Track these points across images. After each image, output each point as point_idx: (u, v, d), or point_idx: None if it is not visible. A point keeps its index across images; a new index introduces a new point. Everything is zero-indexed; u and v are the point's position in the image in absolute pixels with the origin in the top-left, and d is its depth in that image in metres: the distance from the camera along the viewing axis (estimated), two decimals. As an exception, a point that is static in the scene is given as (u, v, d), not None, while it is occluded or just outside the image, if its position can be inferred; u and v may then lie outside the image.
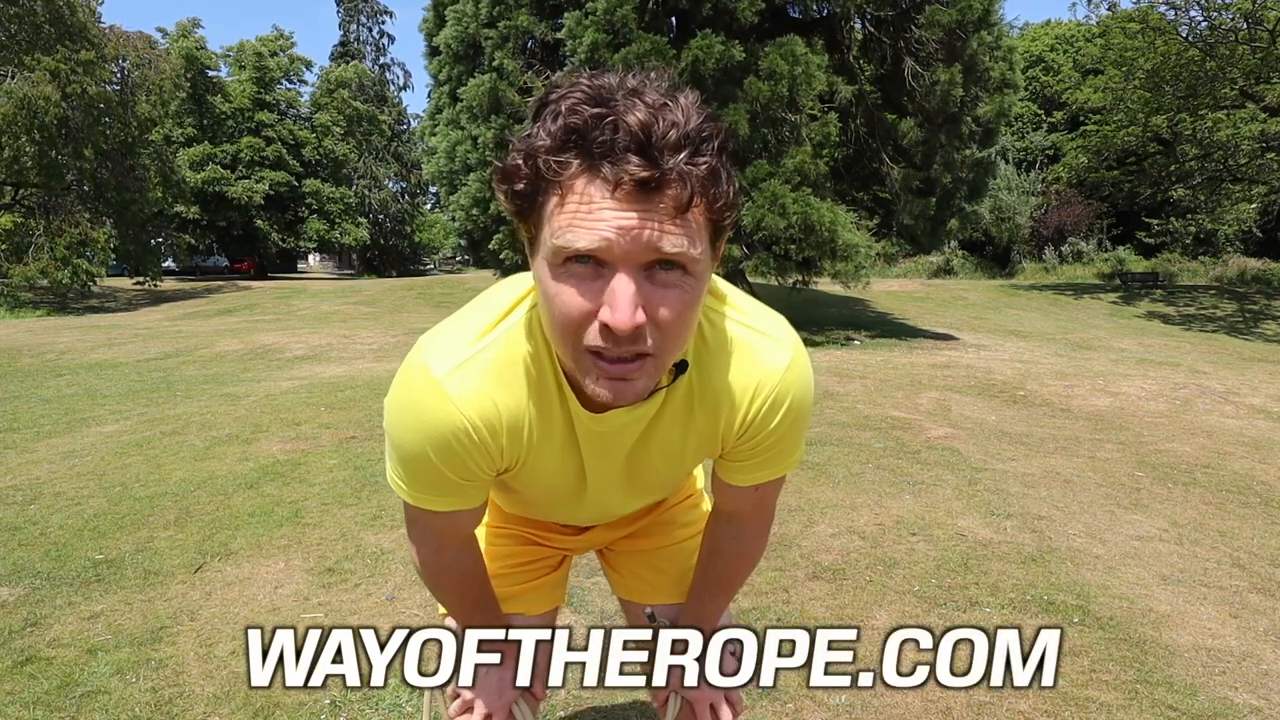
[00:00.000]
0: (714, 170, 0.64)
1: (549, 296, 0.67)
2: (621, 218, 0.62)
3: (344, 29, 47.17)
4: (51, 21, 19.45)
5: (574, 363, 0.70)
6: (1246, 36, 17.91)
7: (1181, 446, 4.91)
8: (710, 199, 0.65)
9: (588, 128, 0.61)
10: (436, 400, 0.78)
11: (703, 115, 0.64)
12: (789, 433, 0.87)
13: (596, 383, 0.69)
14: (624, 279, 0.63)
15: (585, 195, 0.62)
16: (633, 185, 0.61)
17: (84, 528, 3.25)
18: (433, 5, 13.40)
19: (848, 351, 10.44)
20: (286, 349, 10.43)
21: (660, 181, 0.61)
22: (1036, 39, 33.15)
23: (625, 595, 1.27)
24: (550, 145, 0.63)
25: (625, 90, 0.62)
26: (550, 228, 0.65)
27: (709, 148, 0.63)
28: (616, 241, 0.62)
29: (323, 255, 46.16)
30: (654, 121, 0.61)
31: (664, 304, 0.66)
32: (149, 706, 1.96)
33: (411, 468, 0.83)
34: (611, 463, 0.89)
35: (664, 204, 0.62)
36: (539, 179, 0.65)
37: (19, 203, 21.09)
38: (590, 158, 0.62)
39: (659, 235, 0.63)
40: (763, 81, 10.08)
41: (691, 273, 0.67)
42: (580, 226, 0.62)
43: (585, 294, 0.65)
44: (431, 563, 0.98)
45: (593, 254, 0.63)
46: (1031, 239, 28.11)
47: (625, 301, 0.63)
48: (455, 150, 12.11)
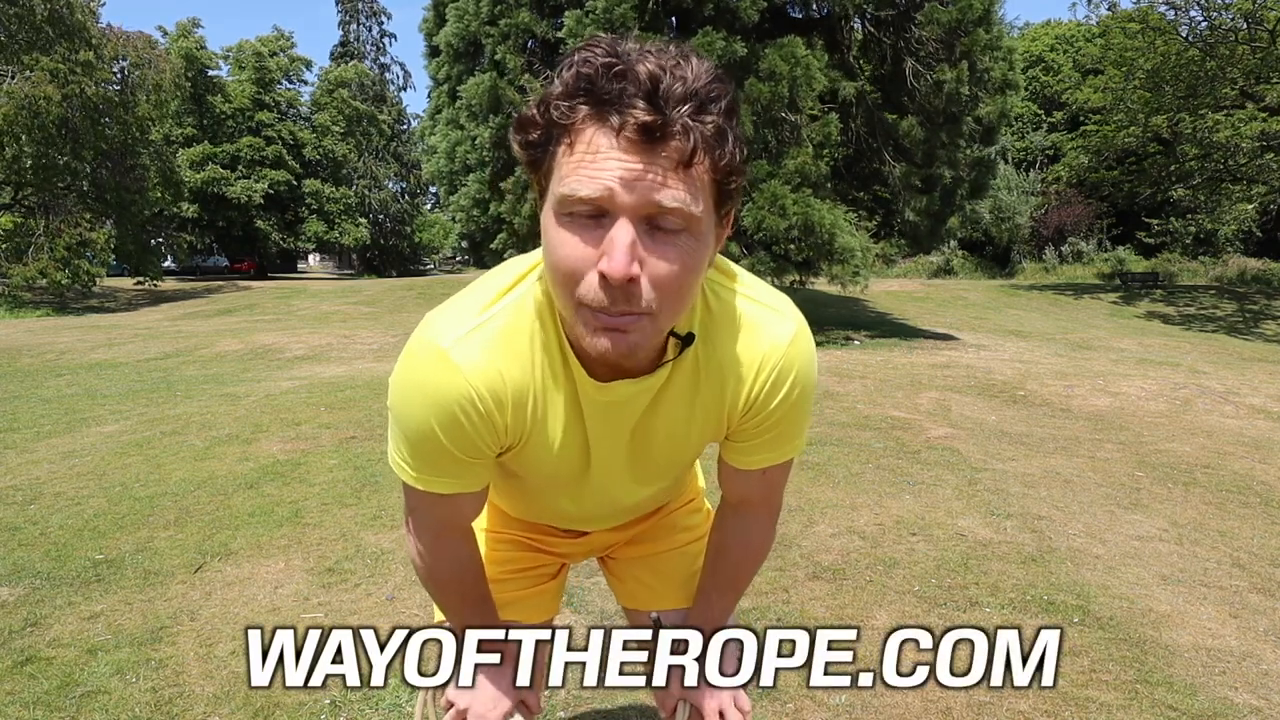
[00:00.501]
0: (720, 129, 0.64)
1: (551, 246, 0.68)
2: (625, 166, 0.63)
3: (344, 29, 47.19)
4: (51, 22, 19.44)
5: (571, 315, 0.70)
6: (1246, 36, 17.92)
7: (1181, 446, 4.91)
8: (715, 157, 0.65)
9: (598, 76, 0.62)
10: (442, 370, 0.78)
11: (712, 76, 0.65)
12: (794, 409, 0.87)
13: (594, 335, 0.69)
14: (623, 227, 0.64)
15: (592, 144, 0.64)
16: (636, 132, 0.62)
17: (84, 528, 3.26)
18: (433, 5, 13.39)
19: (848, 351, 10.44)
20: (286, 349, 10.43)
21: (664, 130, 0.62)
22: (1036, 39, 33.15)
23: (629, 603, 1.25)
24: (562, 92, 0.64)
25: (640, 49, 0.64)
26: (558, 175, 0.66)
27: (716, 107, 0.64)
28: (618, 189, 0.63)
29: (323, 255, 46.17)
30: (663, 73, 0.62)
31: (662, 259, 0.66)
32: (149, 706, 1.96)
33: (416, 445, 0.83)
34: (616, 439, 0.89)
35: (667, 154, 0.63)
36: (551, 126, 0.66)
37: (19, 203, 21.09)
38: (599, 105, 0.63)
39: (660, 186, 0.63)
40: (763, 82, 10.08)
41: (693, 233, 0.67)
42: (584, 174, 0.64)
43: (586, 242, 0.66)
44: (430, 555, 0.97)
45: (595, 202, 0.64)
46: (1031, 239, 28.12)
47: (621, 250, 0.64)
48: (455, 150, 12.10)
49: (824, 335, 11.91)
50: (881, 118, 12.30)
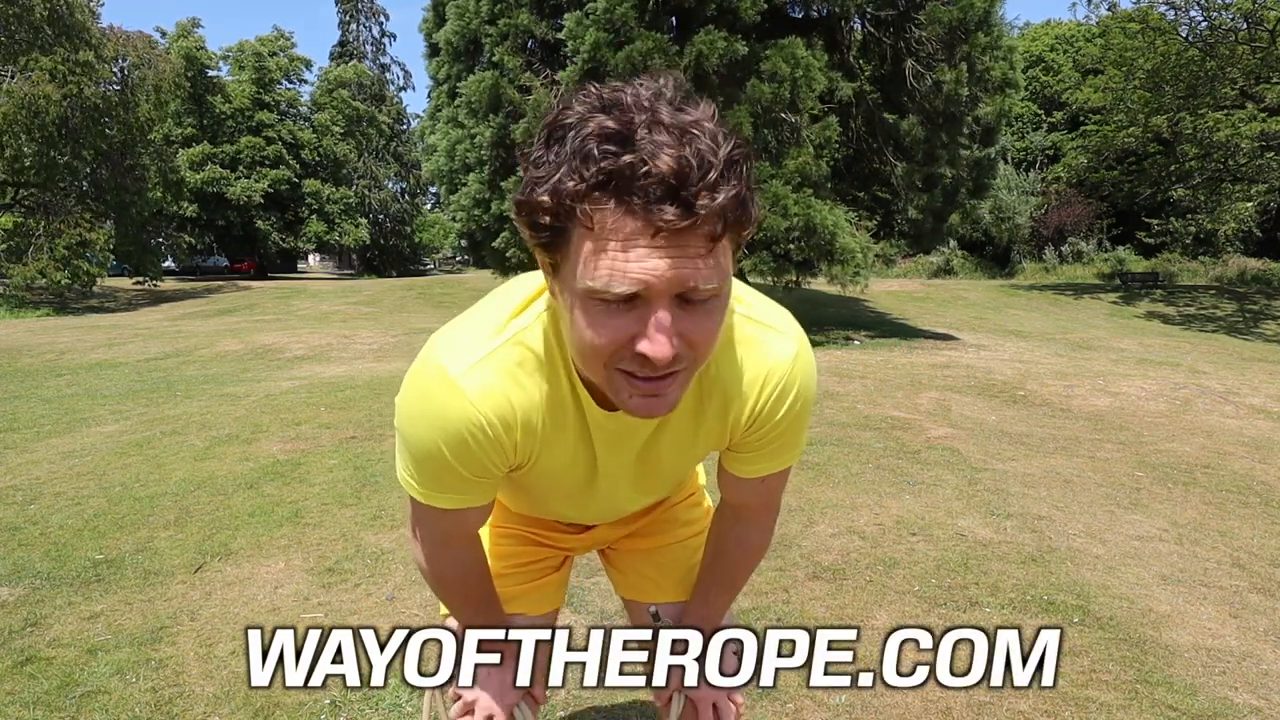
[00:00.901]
0: (741, 199, 0.64)
1: (579, 329, 0.68)
2: (657, 259, 0.63)
3: (343, 29, 47.19)
4: (51, 22, 19.44)
5: (605, 383, 0.72)
6: (1246, 36, 17.92)
7: (1181, 446, 4.91)
8: (740, 227, 0.66)
9: (620, 173, 0.61)
10: (452, 398, 0.78)
11: (730, 142, 0.63)
12: (795, 423, 0.89)
13: (630, 400, 0.71)
14: (662, 314, 0.65)
15: (622, 243, 0.63)
16: (669, 231, 0.62)
17: (84, 528, 3.25)
18: (432, 4, 13.39)
19: (848, 351, 10.44)
20: (286, 349, 10.43)
21: (694, 223, 0.62)
22: (1036, 39, 33.14)
23: (629, 595, 1.27)
24: (582, 190, 0.62)
25: (646, 116, 0.61)
26: (583, 267, 0.65)
27: (736, 173, 0.63)
28: (653, 283, 0.63)
29: (323, 255, 46.15)
30: (685, 163, 0.60)
31: (696, 328, 0.68)
32: (149, 706, 1.96)
33: (424, 465, 0.83)
34: (623, 459, 0.91)
35: (696, 240, 0.63)
36: (570, 219, 0.64)
37: (19, 203, 21.09)
38: (626, 204, 0.62)
39: (693, 273, 0.64)
40: (764, 83, 10.08)
41: (720, 295, 0.68)
42: (617, 273, 0.63)
43: (620, 326, 0.66)
44: (436, 561, 0.98)
45: (630, 294, 0.64)
46: (1031, 239, 28.12)
47: (663, 336, 0.65)
48: (455, 149, 12.10)
49: (824, 335, 11.92)
50: (881, 118, 12.30)
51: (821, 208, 10.39)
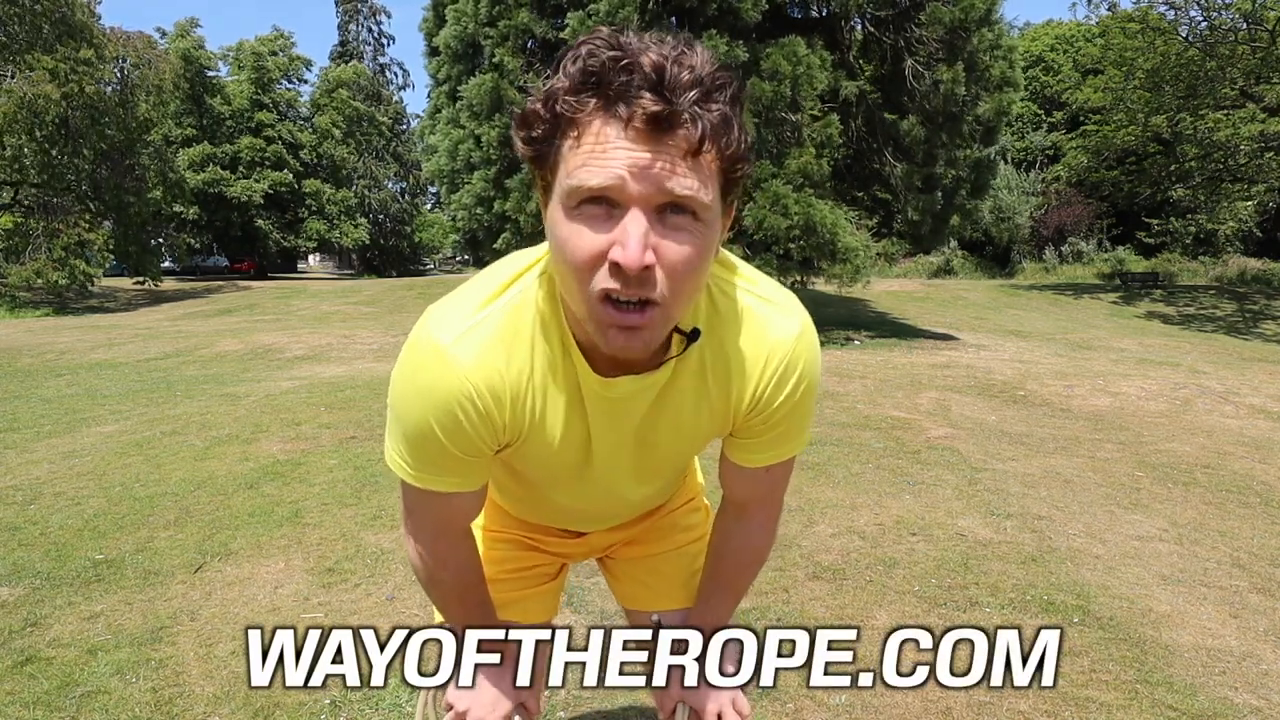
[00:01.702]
0: (726, 117, 0.65)
1: (561, 240, 0.68)
2: (634, 156, 0.63)
3: (343, 29, 47.19)
4: (51, 21, 19.45)
5: (585, 309, 0.70)
6: (1246, 36, 17.91)
7: (1181, 446, 4.91)
8: (722, 145, 0.66)
9: (604, 70, 0.63)
10: (441, 367, 0.78)
11: (717, 64, 0.65)
12: (799, 405, 0.87)
13: (607, 332, 0.70)
14: (636, 216, 0.64)
15: (600, 135, 0.64)
16: (645, 122, 0.62)
17: (84, 528, 3.26)
18: (432, 5, 13.39)
19: (848, 351, 10.44)
20: (286, 349, 10.43)
21: (672, 119, 0.62)
22: (1036, 39, 33.14)
23: (629, 604, 1.25)
24: (568, 86, 0.64)
25: (642, 40, 0.64)
26: (565, 168, 0.66)
27: (722, 95, 0.65)
28: (629, 179, 0.63)
29: (323, 255, 46.16)
30: (668, 63, 0.62)
31: (673, 249, 0.66)
32: (149, 706, 1.96)
33: (414, 442, 0.83)
34: (620, 435, 0.89)
35: (676, 143, 0.63)
36: (557, 120, 0.66)
37: (18, 203, 21.09)
38: (606, 98, 0.63)
39: (670, 174, 0.64)
40: (765, 82, 10.08)
41: (702, 219, 0.67)
42: (594, 165, 0.64)
43: (597, 234, 0.66)
44: (429, 556, 0.97)
45: (605, 193, 0.64)
46: (1031, 239, 28.11)
47: (636, 239, 0.64)
48: (457, 149, 12.09)
49: (824, 335, 11.91)
50: (881, 118, 12.30)
51: (822, 207, 10.39)
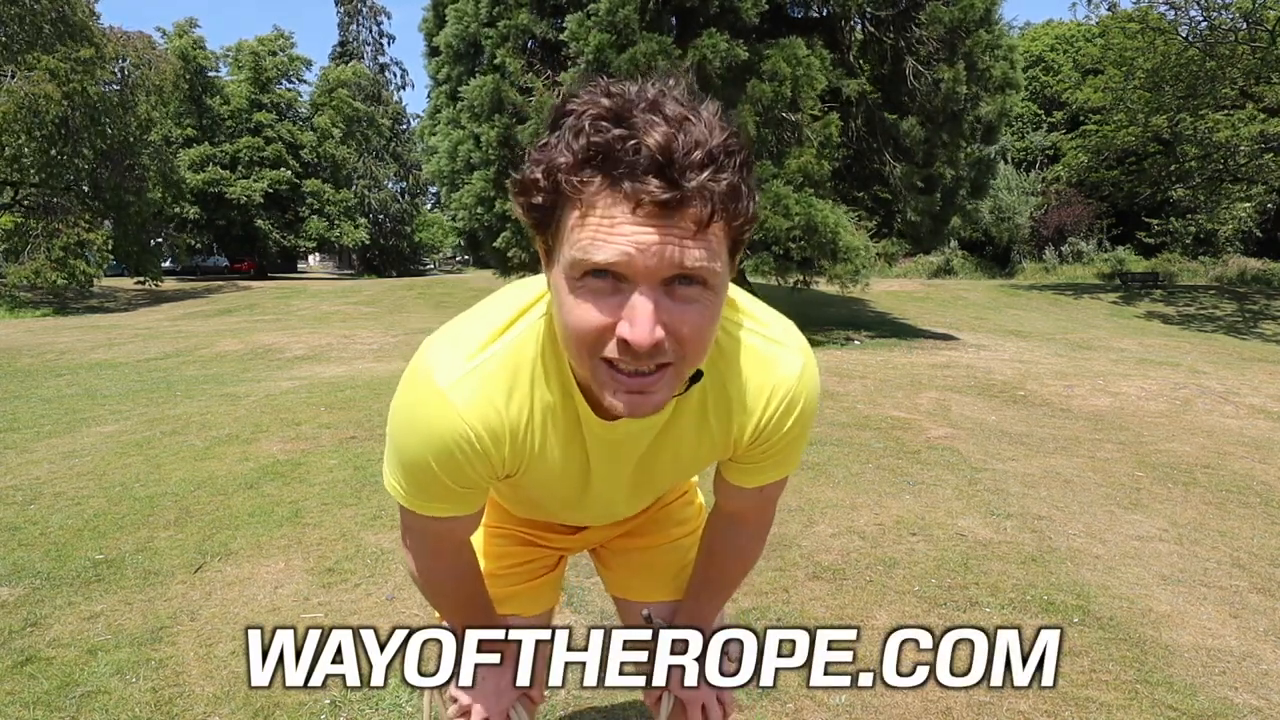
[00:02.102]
0: (734, 187, 0.64)
1: (565, 310, 0.67)
2: (642, 233, 0.62)
3: (343, 29, 47.20)
4: (51, 21, 19.45)
5: (590, 375, 0.70)
6: (1246, 36, 17.91)
7: (1181, 446, 4.91)
8: (730, 216, 0.65)
9: (610, 147, 0.61)
10: (440, 409, 0.78)
11: (726, 132, 0.64)
12: (798, 436, 0.89)
13: (614, 395, 0.69)
14: (644, 295, 0.64)
15: (606, 212, 0.63)
16: (653, 205, 0.61)
17: (84, 528, 3.25)
18: (432, 5, 13.39)
19: (848, 351, 10.44)
20: (286, 349, 10.43)
21: (681, 201, 0.61)
22: (1036, 39, 33.14)
23: (619, 593, 1.27)
24: (571, 163, 0.63)
25: (645, 103, 0.62)
26: (569, 240, 0.65)
27: (730, 164, 0.63)
28: (636, 257, 0.62)
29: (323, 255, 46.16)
30: (675, 141, 0.60)
31: (684, 320, 0.66)
32: (149, 706, 1.96)
33: (411, 473, 0.83)
34: (620, 468, 0.90)
35: (684, 222, 0.62)
36: (559, 194, 0.65)
37: (18, 203, 21.09)
38: (612, 176, 0.62)
39: (679, 251, 0.63)
40: (765, 83, 10.08)
41: (710, 287, 0.67)
42: (600, 241, 0.63)
43: (603, 309, 0.65)
44: (426, 569, 0.98)
45: (612, 269, 0.63)
46: (1031, 239, 28.11)
47: (644, 319, 0.63)
48: (457, 150, 12.09)
49: (824, 335, 11.92)
50: (882, 118, 12.30)
51: (823, 207, 10.39)
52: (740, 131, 0.66)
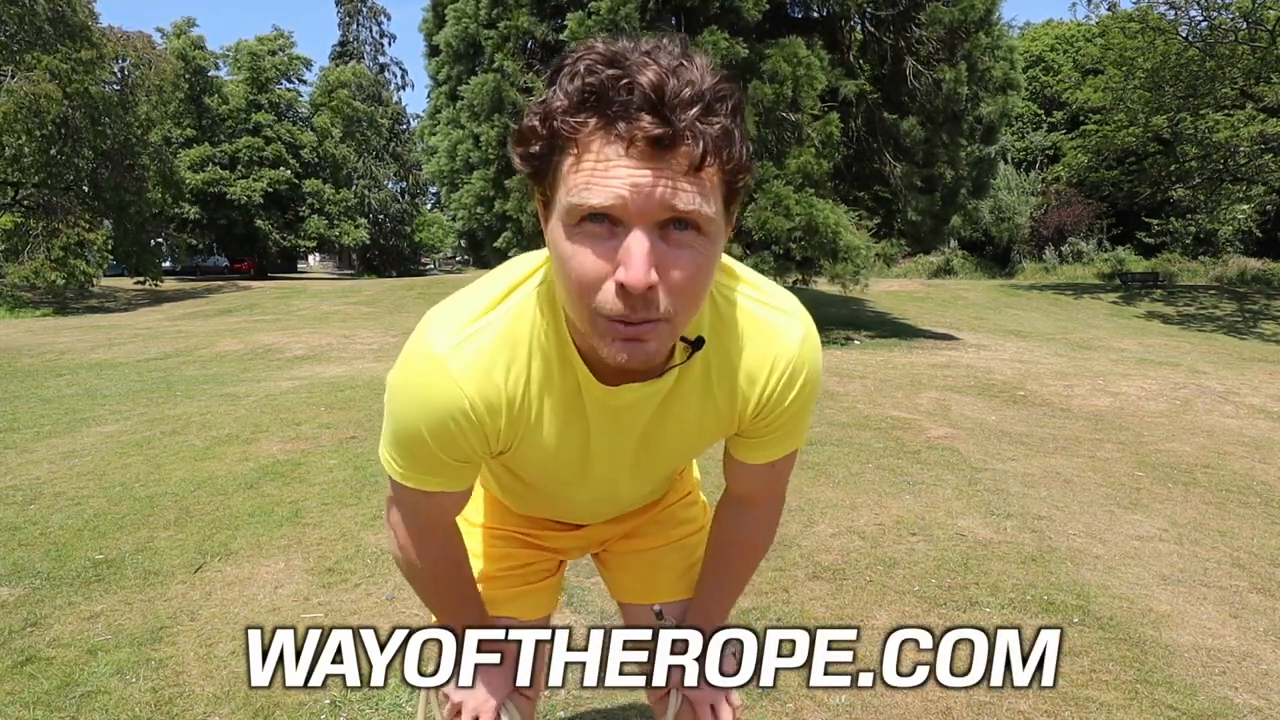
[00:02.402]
0: (727, 130, 0.64)
1: (564, 258, 0.67)
2: (635, 175, 0.62)
3: (343, 29, 47.21)
4: (51, 21, 19.46)
5: (588, 325, 0.70)
6: (1246, 36, 17.92)
7: (1181, 446, 4.91)
8: (724, 159, 0.65)
9: (604, 88, 0.62)
10: (436, 376, 0.78)
11: (717, 76, 0.64)
12: (803, 406, 0.89)
13: (611, 345, 0.69)
14: (639, 236, 0.64)
15: (600, 154, 0.63)
16: (646, 143, 0.61)
17: (84, 528, 3.26)
18: (432, 5, 13.40)
19: (848, 351, 10.44)
20: (286, 349, 10.43)
21: (673, 139, 0.62)
22: (1036, 39, 33.16)
23: (625, 597, 1.25)
24: (567, 106, 0.63)
25: (640, 52, 0.63)
26: (565, 186, 0.65)
27: (723, 108, 0.64)
28: (631, 198, 0.63)
29: (323, 255, 46.18)
30: (667, 80, 0.61)
31: (678, 264, 0.66)
32: (149, 706, 1.96)
33: (405, 444, 0.83)
34: (621, 441, 0.89)
35: (677, 162, 0.63)
36: (555, 139, 0.65)
37: (18, 203, 21.10)
38: (605, 117, 0.62)
39: (672, 192, 0.63)
40: (766, 83, 10.08)
41: (705, 233, 0.67)
42: (595, 184, 0.63)
43: (600, 254, 0.65)
44: (412, 548, 0.96)
45: (607, 211, 0.64)
46: (1031, 239, 28.12)
47: (640, 259, 0.63)
48: (457, 149, 12.09)
49: (824, 335, 11.88)
50: (882, 118, 12.31)
51: (824, 207, 10.40)
52: (733, 79, 0.66)
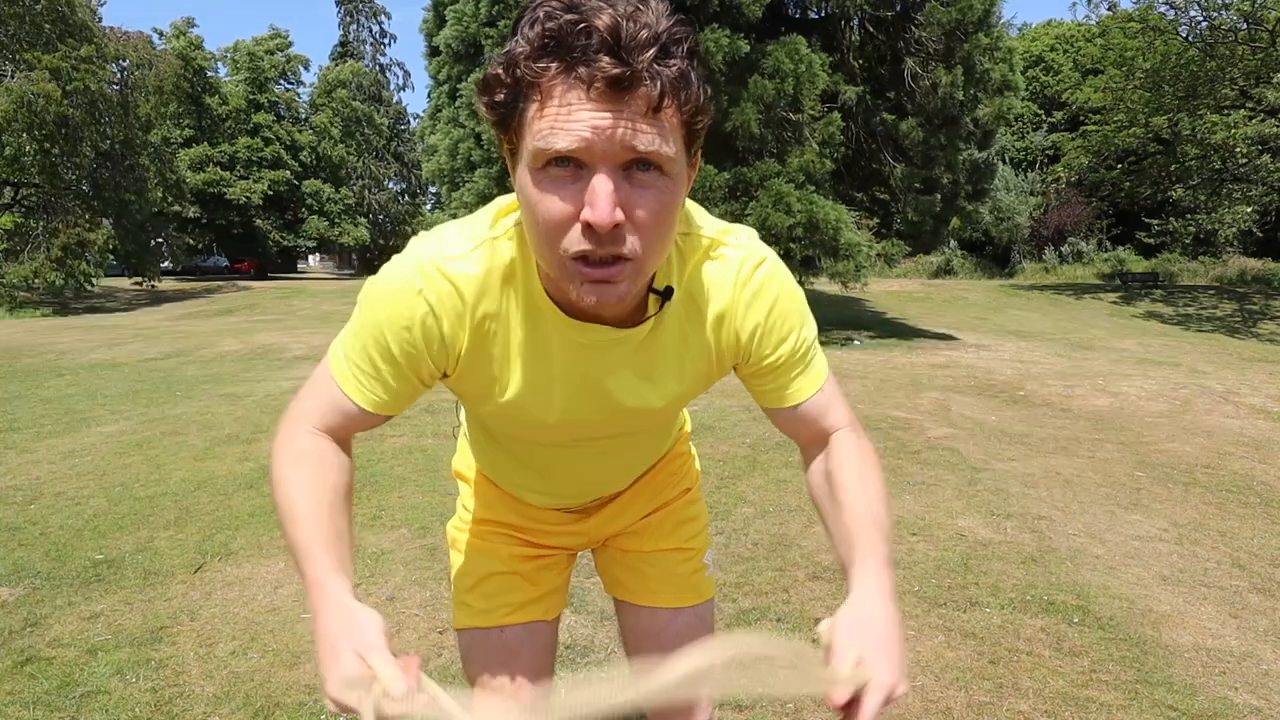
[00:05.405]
0: (683, 72, 0.66)
1: (531, 203, 0.69)
2: (597, 118, 0.64)
3: (344, 29, 47.20)
4: (52, 21, 19.46)
5: (557, 269, 0.72)
6: (1246, 36, 17.92)
7: (1181, 446, 4.91)
8: (681, 100, 0.67)
9: (561, 33, 0.63)
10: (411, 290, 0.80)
11: (672, 19, 0.66)
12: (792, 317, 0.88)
13: (580, 287, 0.71)
14: (603, 177, 0.66)
15: (563, 99, 0.65)
16: (605, 84, 0.63)
17: (84, 528, 3.25)
18: (432, 5, 13.41)
19: (848, 351, 10.44)
20: (287, 349, 10.43)
21: (631, 80, 0.63)
22: (1036, 39, 33.16)
23: (619, 593, 1.24)
24: (528, 52, 0.65)
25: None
26: (530, 132, 0.67)
27: (679, 50, 0.66)
28: (594, 141, 0.64)
29: (322, 255, 46.16)
30: (622, 23, 0.63)
31: (642, 204, 0.68)
32: (149, 706, 1.96)
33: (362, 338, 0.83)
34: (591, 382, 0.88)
35: (636, 103, 0.65)
36: (519, 86, 0.67)
37: (18, 202, 21.09)
38: (565, 62, 0.64)
39: (632, 133, 0.65)
40: (768, 80, 10.08)
41: (667, 173, 0.69)
42: (559, 129, 0.65)
43: (566, 197, 0.67)
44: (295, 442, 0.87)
45: (572, 155, 0.65)
46: (1031, 239, 28.11)
47: (604, 198, 0.65)
48: (457, 148, 12.10)
49: (824, 335, 11.84)
50: (881, 119, 12.31)
51: (824, 204, 10.41)
52: (688, 23, 0.68)
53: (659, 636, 1.17)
